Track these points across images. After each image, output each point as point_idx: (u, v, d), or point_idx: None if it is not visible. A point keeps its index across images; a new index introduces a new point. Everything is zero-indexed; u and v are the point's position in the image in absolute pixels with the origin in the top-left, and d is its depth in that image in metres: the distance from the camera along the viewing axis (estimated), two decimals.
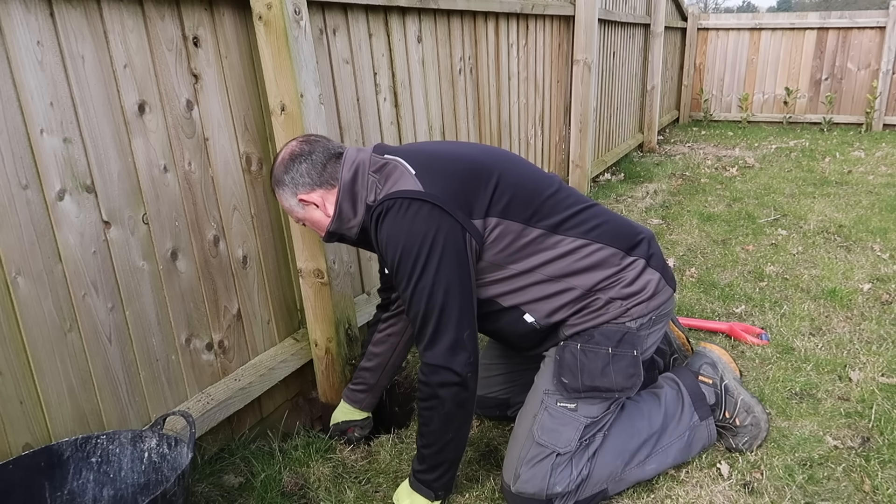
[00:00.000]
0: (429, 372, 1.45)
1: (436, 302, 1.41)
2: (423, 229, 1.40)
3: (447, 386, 1.44)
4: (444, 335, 1.43)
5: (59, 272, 1.34)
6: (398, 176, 1.47)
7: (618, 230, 1.62)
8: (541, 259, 1.53)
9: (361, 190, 1.50)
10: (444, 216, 1.41)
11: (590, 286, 1.56)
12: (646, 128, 6.51)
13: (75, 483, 1.37)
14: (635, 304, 1.58)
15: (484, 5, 2.82)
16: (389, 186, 1.47)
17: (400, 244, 1.41)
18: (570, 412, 1.56)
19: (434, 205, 1.41)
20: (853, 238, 3.56)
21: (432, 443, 1.50)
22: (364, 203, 1.51)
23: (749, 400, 1.78)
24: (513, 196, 1.50)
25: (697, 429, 1.72)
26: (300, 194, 1.53)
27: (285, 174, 1.52)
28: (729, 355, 1.89)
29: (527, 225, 1.51)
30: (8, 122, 1.22)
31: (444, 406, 1.45)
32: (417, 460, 1.56)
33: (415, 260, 1.40)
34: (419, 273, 1.40)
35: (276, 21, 1.63)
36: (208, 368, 1.74)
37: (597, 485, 1.57)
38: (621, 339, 1.56)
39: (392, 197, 1.42)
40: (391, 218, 1.42)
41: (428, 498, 1.55)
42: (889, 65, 7.20)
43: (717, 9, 42.09)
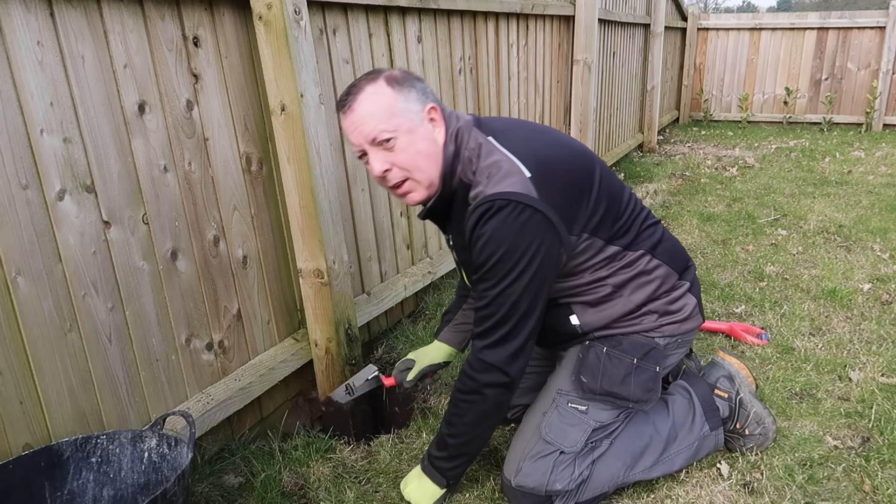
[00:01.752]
0: (481, 369, 1.44)
1: (519, 310, 1.40)
2: (529, 239, 1.37)
3: (495, 386, 1.45)
4: (513, 341, 1.42)
5: (59, 272, 1.34)
6: (508, 172, 1.38)
7: (675, 250, 1.64)
8: (611, 270, 1.53)
9: (458, 163, 1.44)
10: (551, 232, 1.39)
11: (642, 301, 1.57)
12: (646, 128, 6.51)
13: (75, 483, 1.37)
14: (669, 323, 1.59)
15: (484, 5, 2.82)
16: (498, 180, 1.38)
17: (503, 247, 1.37)
18: (581, 414, 1.57)
19: (546, 217, 1.37)
20: (853, 238, 3.56)
21: (461, 433, 1.51)
22: (459, 177, 1.45)
23: (761, 411, 1.78)
24: (605, 212, 1.50)
25: (707, 438, 1.72)
26: (431, 102, 1.41)
27: (416, 80, 1.40)
28: (747, 368, 1.89)
29: (608, 242, 1.51)
30: (8, 122, 1.22)
31: (485, 403, 1.46)
32: (437, 447, 1.56)
33: (513, 266, 1.37)
34: (512, 279, 1.38)
35: (276, 21, 1.63)
36: (208, 368, 1.74)
37: (598, 487, 1.57)
38: (648, 353, 1.57)
39: (506, 198, 1.36)
40: (502, 218, 1.36)
41: (439, 484, 1.57)
42: (889, 65, 7.20)
43: (717, 9, 42.09)
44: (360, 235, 2.25)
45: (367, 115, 1.36)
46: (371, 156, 1.39)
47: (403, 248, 2.56)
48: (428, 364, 1.85)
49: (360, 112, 1.36)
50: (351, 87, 1.39)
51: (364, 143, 1.38)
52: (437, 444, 1.57)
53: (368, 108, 1.36)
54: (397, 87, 1.37)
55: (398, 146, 1.37)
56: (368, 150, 1.39)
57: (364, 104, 1.36)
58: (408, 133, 1.37)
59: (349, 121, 1.39)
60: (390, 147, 1.37)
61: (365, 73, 1.39)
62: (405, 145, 1.38)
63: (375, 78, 1.37)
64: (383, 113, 1.35)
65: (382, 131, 1.36)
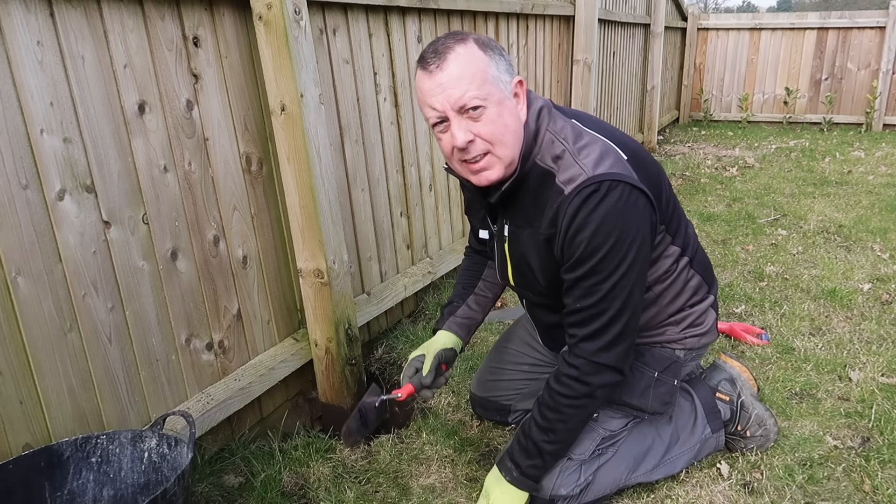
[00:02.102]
0: (594, 371, 1.36)
1: (630, 304, 1.33)
2: (638, 225, 1.29)
3: (608, 387, 1.39)
4: (627, 339, 1.35)
5: (59, 272, 1.34)
6: (605, 153, 1.30)
7: (706, 262, 1.62)
8: (663, 275, 1.49)
9: (536, 147, 1.34)
10: (654, 215, 1.33)
11: (674, 311, 1.56)
12: (646, 128, 6.51)
13: (75, 483, 1.37)
14: (692, 336, 1.58)
15: (484, 5, 2.82)
16: (597, 161, 1.29)
17: (614, 235, 1.26)
18: (592, 422, 1.56)
19: (650, 201, 1.30)
20: (853, 238, 3.56)
21: (562, 439, 1.44)
22: (533, 160, 1.34)
23: (763, 413, 1.78)
24: (675, 207, 1.47)
25: (708, 440, 1.72)
26: (518, 77, 1.31)
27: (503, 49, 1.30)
28: (748, 371, 1.89)
29: (673, 241, 1.47)
30: (8, 122, 1.22)
31: (595, 404, 1.41)
32: (528, 455, 1.45)
33: (625, 254, 1.28)
34: (626, 269, 1.29)
35: (276, 21, 1.63)
36: (208, 368, 1.74)
37: (600, 490, 1.57)
38: (668, 367, 1.56)
39: (615, 179, 1.26)
40: (612, 201, 1.25)
41: (531, 491, 1.49)
42: (889, 65, 7.20)
43: (717, 9, 42.09)
44: (360, 235, 2.25)
45: (458, 77, 1.22)
46: (454, 123, 1.25)
47: (403, 248, 2.56)
48: (440, 349, 1.63)
49: (450, 73, 1.22)
50: (436, 45, 1.25)
51: (449, 108, 1.24)
52: (527, 452, 1.45)
53: (460, 69, 1.22)
54: (490, 52, 1.25)
55: (486, 116, 1.25)
56: (452, 117, 1.25)
57: (455, 65, 1.22)
58: (497, 104, 1.25)
59: (435, 81, 1.23)
60: (477, 116, 1.25)
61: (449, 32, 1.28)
62: (493, 116, 1.25)
63: (465, 38, 1.24)
64: (476, 77, 1.23)
65: (474, 97, 1.23)
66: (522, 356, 1.87)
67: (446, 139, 1.29)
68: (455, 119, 1.25)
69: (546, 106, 1.37)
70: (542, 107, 1.36)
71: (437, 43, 1.27)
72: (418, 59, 1.29)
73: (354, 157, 2.18)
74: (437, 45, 1.26)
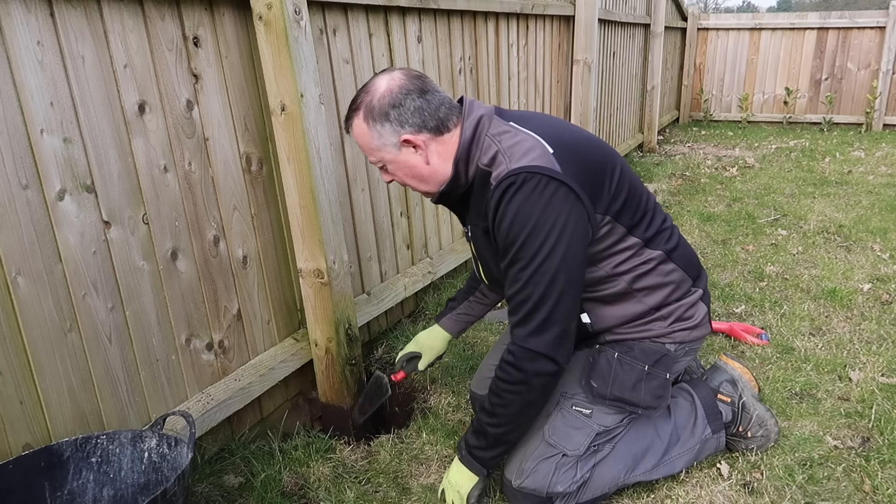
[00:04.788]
0: (527, 358, 1.40)
1: (555, 289, 1.36)
2: (557, 212, 1.34)
3: (543, 375, 1.41)
4: (556, 325, 1.38)
5: (59, 272, 1.34)
6: (530, 149, 1.38)
7: (691, 257, 1.63)
8: (629, 266, 1.51)
9: (476, 150, 1.44)
10: (578, 203, 1.36)
11: (656, 304, 1.56)
12: (646, 128, 6.51)
13: (75, 483, 1.37)
14: (680, 330, 1.59)
15: (484, 5, 2.82)
16: (520, 156, 1.38)
17: (530, 223, 1.33)
18: (585, 417, 1.56)
19: (570, 188, 1.35)
20: (853, 238, 3.56)
21: (503, 423, 1.48)
22: (476, 164, 1.44)
23: (764, 414, 1.78)
24: (627, 197, 1.48)
25: (708, 441, 1.72)
26: (405, 134, 1.40)
27: (392, 108, 1.38)
28: (749, 372, 1.89)
29: (629, 231, 1.49)
30: (8, 122, 1.22)
31: (532, 393, 1.43)
32: (476, 436, 1.53)
33: (543, 242, 1.34)
34: (544, 256, 1.34)
35: (276, 21, 1.63)
36: (208, 368, 1.74)
37: (599, 489, 1.57)
38: (659, 360, 1.57)
39: (530, 171, 1.34)
40: (524, 193, 1.34)
41: (479, 475, 1.55)
42: (889, 65, 7.20)
43: (717, 9, 42.09)
44: (360, 235, 2.25)
45: (359, 145, 1.48)
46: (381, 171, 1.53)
47: (403, 248, 2.56)
48: (435, 356, 1.90)
49: (355, 141, 1.50)
50: (348, 110, 1.46)
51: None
52: (475, 433, 1.53)
53: (357, 139, 1.47)
54: (371, 123, 1.41)
55: (391, 169, 1.48)
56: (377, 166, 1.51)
57: (354, 135, 1.47)
58: (391, 162, 1.46)
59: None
60: (386, 170, 1.50)
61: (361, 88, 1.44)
62: (395, 169, 1.48)
63: (358, 108, 1.42)
64: (367, 147, 1.46)
65: (373, 161, 1.49)
66: None
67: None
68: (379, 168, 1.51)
69: (486, 114, 1.47)
70: (482, 115, 1.46)
71: (351, 101, 1.45)
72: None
73: (354, 156, 2.18)
74: (348, 110, 1.46)
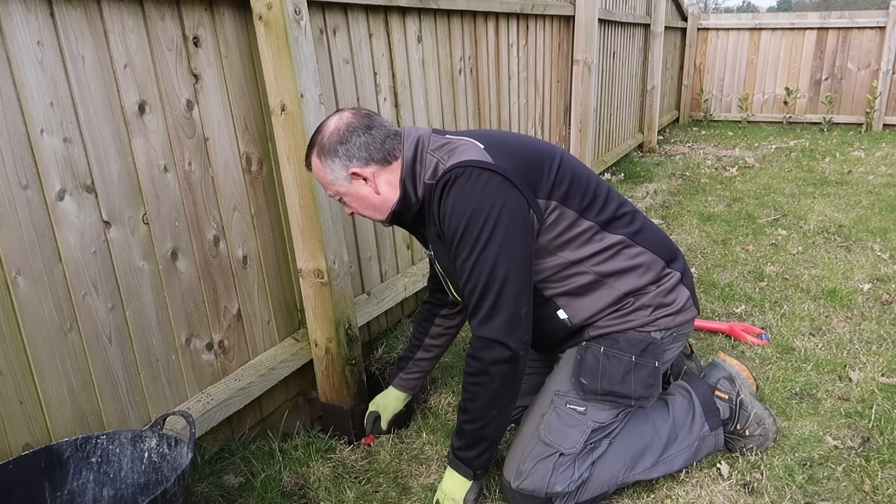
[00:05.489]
0: (481, 347, 1.42)
1: (498, 274, 1.38)
2: (491, 199, 1.37)
3: (499, 363, 1.42)
4: (504, 309, 1.40)
5: (59, 272, 1.34)
6: (464, 149, 1.45)
7: (660, 239, 1.64)
8: (590, 251, 1.53)
9: (420, 168, 1.49)
10: (513, 189, 1.40)
11: (629, 290, 1.56)
12: (646, 128, 6.51)
13: (75, 483, 1.37)
14: (664, 316, 1.59)
15: (484, 5, 2.82)
16: (455, 156, 1.45)
17: (467, 213, 1.38)
18: (579, 415, 1.56)
19: (503, 176, 1.39)
20: (853, 238, 3.56)
21: (475, 419, 1.49)
22: (423, 181, 1.49)
23: (762, 412, 1.78)
24: (571, 182, 1.51)
25: (706, 438, 1.72)
26: (353, 167, 1.48)
27: (340, 145, 1.47)
28: (747, 369, 1.89)
29: (580, 215, 1.51)
30: (8, 122, 1.22)
31: (494, 383, 1.44)
32: (458, 437, 1.54)
33: (480, 229, 1.37)
34: (483, 243, 1.38)
35: (277, 21, 1.63)
36: (208, 368, 1.74)
37: (598, 488, 1.57)
38: (645, 349, 1.57)
39: (461, 165, 1.40)
40: (459, 186, 1.39)
41: (466, 476, 1.54)
42: (889, 65, 7.20)
43: (717, 9, 42.09)
44: (360, 235, 2.25)
45: (317, 180, 1.57)
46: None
47: (403, 247, 2.56)
48: (392, 416, 1.93)
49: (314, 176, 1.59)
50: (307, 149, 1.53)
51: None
52: (457, 434, 1.54)
53: (315, 175, 1.55)
54: (324, 158, 1.48)
55: (346, 201, 1.55)
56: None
57: (313, 172, 1.54)
58: (346, 194, 1.53)
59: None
60: (343, 202, 1.57)
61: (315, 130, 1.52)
62: (349, 201, 1.54)
63: (313, 146, 1.50)
64: (323, 182, 1.53)
65: (331, 195, 1.56)
66: None
67: None
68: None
69: (423, 134, 1.52)
70: (419, 136, 1.52)
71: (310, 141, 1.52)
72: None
73: None
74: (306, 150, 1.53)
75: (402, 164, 1.49)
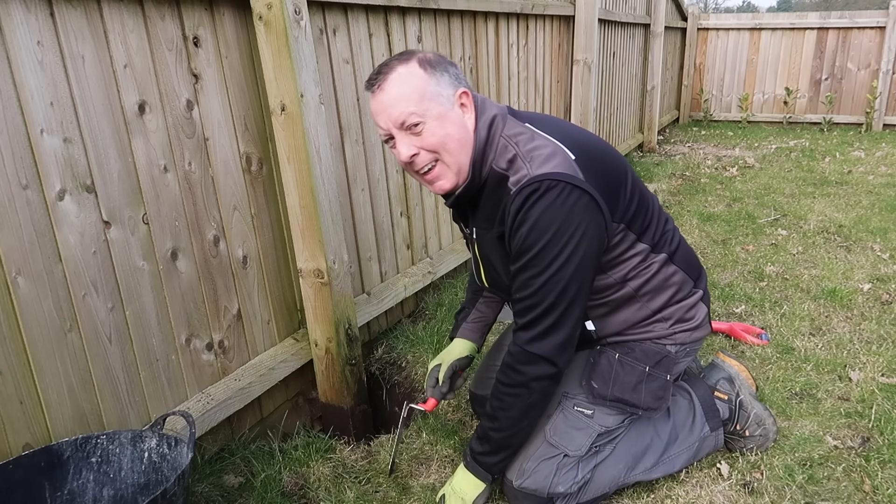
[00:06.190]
0: (527, 361, 1.40)
1: (566, 297, 1.36)
2: (577, 221, 1.33)
3: (543, 379, 1.41)
4: (562, 331, 1.38)
5: (59, 272, 1.34)
6: (553, 156, 1.36)
7: (690, 256, 1.63)
8: (636, 271, 1.51)
9: (490, 151, 1.40)
10: (598, 212, 1.36)
11: (658, 307, 1.56)
12: (646, 128, 6.51)
13: (75, 483, 1.37)
14: (682, 331, 1.59)
15: (484, 5, 2.82)
16: (542, 162, 1.35)
17: (551, 230, 1.32)
18: (586, 418, 1.56)
19: (592, 198, 1.34)
20: (853, 238, 3.56)
21: (505, 427, 1.48)
22: (490, 166, 1.41)
23: (762, 413, 1.78)
24: (638, 205, 1.48)
25: (707, 439, 1.72)
26: (463, 88, 1.36)
27: (449, 65, 1.36)
28: (747, 370, 1.89)
29: (638, 238, 1.49)
30: (8, 122, 1.22)
31: (532, 397, 1.43)
32: (479, 442, 1.52)
33: (561, 249, 1.33)
34: (561, 264, 1.34)
35: (277, 21, 1.63)
36: (208, 368, 1.74)
37: (599, 489, 1.57)
38: (660, 362, 1.57)
39: (554, 178, 1.32)
40: (548, 199, 1.31)
41: (485, 481, 1.54)
42: (889, 65, 7.20)
43: (717, 9, 42.09)
44: (360, 235, 2.25)
45: (397, 97, 1.32)
46: (398, 140, 1.35)
47: (403, 248, 2.56)
48: (455, 359, 1.78)
49: (390, 94, 1.32)
50: (381, 66, 1.34)
51: (392, 126, 1.34)
52: (479, 438, 1.52)
53: (398, 90, 1.31)
54: (430, 69, 1.33)
55: (426, 130, 1.33)
56: (396, 134, 1.35)
57: (394, 85, 1.31)
58: (438, 118, 1.33)
59: (377, 101, 1.34)
60: (418, 131, 1.33)
61: (397, 53, 1.35)
62: (434, 128, 1.33)
63: (408, 59, 1.33)
64: (413, 96, 1.31)
65: (412, 114, 1.32)
66: None
67: (396, 154, 1.39)
68: (399, 135, 1.35)
69: (500, 114, 1.43)
70: (496, 115, 1.42)
71: (382, 64, 1.35)
72: (366, 81, 1.38)
73: (354, 156, 2.18)
74: (381, 67, 1.35)
75: (474, 142, 1.39)
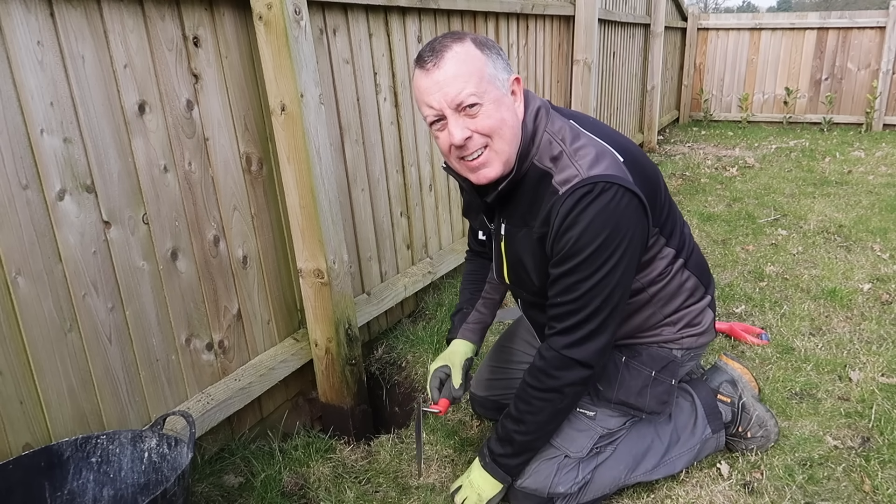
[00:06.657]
0: (563, 366, 1.38)
1: (611, 302, 1.34)
2: (627, 225, 1.30)
3: (576, 384, 1.39)
4: (603, 336, 1.36)
5: (60, 272, 1.34)
6: (603, 156, 1.31)
7: (703, 262, 1.63)
8: (657, 276, 1.49)
9: (533, 146, 1.35)
10: (645, 217, 1.34)
11: (669, 312, 1.56)
12: (646, 128, 6.51)
13: (75, 483, 1.37)
14: (689, 336, 1.59)
15: (484, 5, 2.82)
16: (592, 162, 1.30)
17: (604, 234, 1.28)
18: (588, 419, 1.56)
19: (641, 201, 1.31)
20: (853, 238, 3.56)
21: (532, 431, 1.46)
22: (531, 160, 1.35)
23: (763, 415, 1.78)
24: (669, 211, 1.48)
25: (708, 441, 1.72)
26: (515, 75, 1.32)
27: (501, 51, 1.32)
28: (749, 372, 1.89)
29: (667, 243, 1.48)
30: (8, 122, 1.22)
31: (563, 402, 1.42)
32: (501, 444, 1.50)
33: (611, 254, 1.30)
34: (609, 268, 1.30)
35: (277, 21, 1.63)
36: (208, 368, 1.74)
37: (599, 489, 1.57)
38: (665, 366, 1.56)
39: (609, 181, 1.27)
40: (602, 202, 1.27)
41: (503, 482, 1.53)
42: (889, 65, 7.20)
43: (717, 9, 42.08)
44: (360, 235, 2.25)
45: (455, 75, 1.24)
46: (451, 121, 1.27)
47: (403, 248, 2.56)
48: (464, 360, 1.67)
49: (447, 72, 1.23)
50: (434, 44, 1.27)
51: (446, 106, 1.26)
52: (501, 440, 1.50)
53: (456, 68, 1.24)
54: (487, 51, 1.27)
55: (483, 112, 1.26)
56: (449, 115, 1.26)
57: (451, 63, 1.24)
58: (494, 101, 1.27)
59: (432, 80, 1.25)
60: (474, 113, 1.26)
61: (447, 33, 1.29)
62: (491, 111, 1.27)
63: (462, 38, 1.26)
64: (472, 75, 1.24)
65: (471, 95, 1.24)
66: (523, 355, 1.87)
67: (444, 137, 1.30)
68: (452, 117, 1.27)
69: (544, 107, 1.38)
70: (540, 107, 1.37)
71: (435, 42, 1.28)
72: (416, 59, 1.30)
73: (354, 157, 2.18)
74: (434, 45, 1.28)
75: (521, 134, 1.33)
